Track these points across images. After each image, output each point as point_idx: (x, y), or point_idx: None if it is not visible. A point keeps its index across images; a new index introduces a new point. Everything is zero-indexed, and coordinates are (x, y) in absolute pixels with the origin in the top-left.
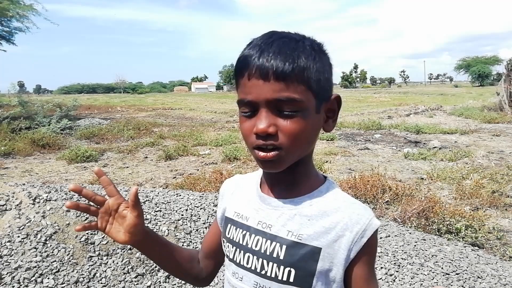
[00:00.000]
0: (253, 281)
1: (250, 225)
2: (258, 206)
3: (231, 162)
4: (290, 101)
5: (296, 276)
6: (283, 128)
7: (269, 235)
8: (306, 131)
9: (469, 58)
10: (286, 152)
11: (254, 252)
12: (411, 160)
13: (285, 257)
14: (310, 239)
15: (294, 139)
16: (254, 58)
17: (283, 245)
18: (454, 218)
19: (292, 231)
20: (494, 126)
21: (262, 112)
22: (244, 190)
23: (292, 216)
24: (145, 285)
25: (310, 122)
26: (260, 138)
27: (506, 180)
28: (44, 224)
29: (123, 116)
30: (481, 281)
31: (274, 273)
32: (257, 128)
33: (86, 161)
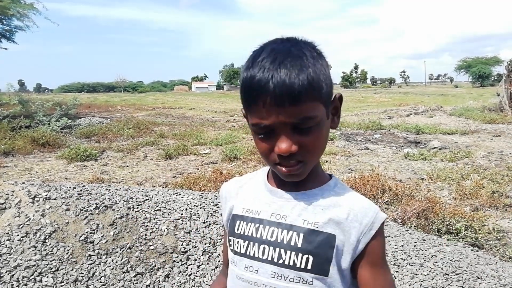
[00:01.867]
0: (270, 272)
1: (263, 217)
2: (270, 199)
3: (231, 161)
4: (306, 120)
5: (313, 263)
6: (303, 144)
7: (285, 225)
8: (322, 139)
9: (470, 59)
10: (308, 163)
11: (270, 243)
12: (411, 160)
13: (303, 245)
14: (325, 226)
15: (314, 151)
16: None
17: (300, 233)
18: (454, 219)
19: (308, 220)
20: (494, 126)
21: (281, 134)
22: (249, 188)
23: (306, 207)
24: (144, 284)
25: (324, 130)
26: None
27: (506, 181)
28: (44, 222)
29: (123, 115)
30: (480, 282)
31: (292, 261)
32: (280, 149)
33: (86, 160)
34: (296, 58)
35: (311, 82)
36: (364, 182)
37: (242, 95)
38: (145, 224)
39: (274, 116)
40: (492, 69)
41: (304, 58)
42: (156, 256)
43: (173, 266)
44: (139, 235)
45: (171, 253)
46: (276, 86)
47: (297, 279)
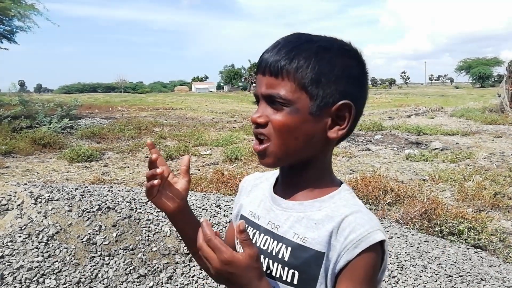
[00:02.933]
0: None
1: (261, 224)
2: (270, 206)
3: (232, 162)
4: (277, 97)
5: (300, 279)
6: (271, 119)
7: (277, 235)
8: (291, 126)
9: (470, 60)
10: (273, 145)
11: (262, 251)
12: (412, 161)
13: (289, 259)
14: (314, 243)
15: (278, 130)
16: (261, 58)
17: (288, 246)
18: (457, 220)
19: (298, 234)
20: (495, 127)
21: (261, 104)
22: (260, 189)
23: (300, 219)
24: (147, 286)
25: (299, 119)
26: (254, 127)
27: (508, 182)
28: (46, 224)
29: (124, 115)
30: (484, 284)
31: (279, 274)
32: (252, 116)
33: (87, 160)
34: (300, 42)
35: (295, 65)
36: (366, 183)
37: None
38: (148, 225)
39: (259, 86)
40: (492, 70)
41: (310, 45)
42: (159, 258)
43: (176, 268)
44: (142, 236)
45: (174, 254)
46: (265, 58)
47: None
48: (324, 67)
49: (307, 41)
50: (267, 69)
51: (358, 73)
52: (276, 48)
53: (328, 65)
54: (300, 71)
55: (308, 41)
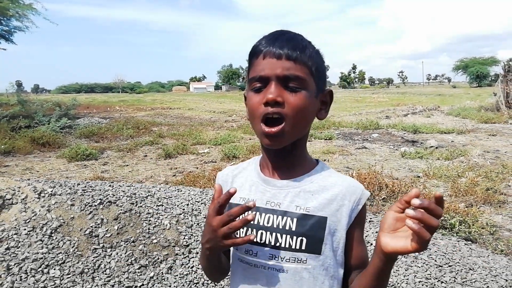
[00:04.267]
0: (268, 254)
1: (259, 205)
2: (264, 188)
3: (230, 160)
4: (296, 78)
5: (307, 243)
6: (288, 100)
7: (280, 211)
8: (306, 107)
9: (467, 59)
10: (289, 125)
11: (266, 228)
12: (408, 159)
13: (297, 228)
14: (316, 210)
15: (297, 111)
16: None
17: (294, 218)
18: (449, 214)
19: (300, 205)
20: (490, 126)
21: (272, 85)
22: (243, 177)
23: (298, 193)
24: (148, 276)
25: (310, 101)
26: (270, 105)
27: (500, 178)
28: (50, 217)
29: (122, 115)
30: (472, 273)
31: (288, 244)
32: (268, 97)
33: (86, 159)
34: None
35: (307, 54)
36: (361, 179)
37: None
38: (148, 218)
39: (269, 68)
40: (489, 69)
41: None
42: (159, 249)
43: (175, 259)
44: (143, 229)
45: (173, 246)
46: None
47: (293, 259)
48: (320, 60)
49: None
50: (284, 53)
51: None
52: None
53: (320, 59)
54: (311, 60)
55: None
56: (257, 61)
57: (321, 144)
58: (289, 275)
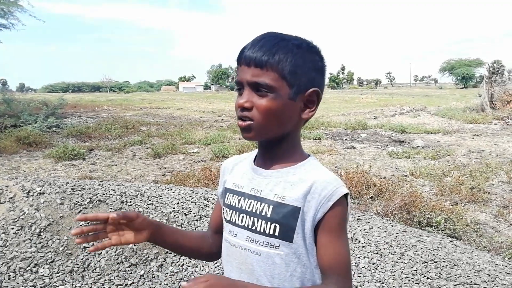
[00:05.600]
0: (246, 236)
1: (245, 191)
2: (252, 176)
3: (219, 160)
4: (263, 84)
5: (280, 230)
6: (256, 104)
7: (259, 198)
8: (274, 109)
9: (453, 61)
10: (256, 123)
11: (247, 212)
12: (395, 159)
13: (272, 215)
14: (291, 200)
15: (262, 113)
16: (244, 50)
17: (270, 205)
18: (434, 212)
19: (278, 194)
20: (475, 126)
21: (245, 91)
22: (241, 166)
23: (278, 183)
24: (138, 274)
25: (279, 104)
26: (240, 110)
27: (484, 177)
28: (38, 216)
29: (110, 115)
30: (457, 268)
31: (263, 229)
32: (238, 102)
33: (74, 159)
34: (277, 40)
35: (276, 58)
36: (349, 178)
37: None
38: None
39: (242, 74)
40: (474, 71)
41: (286, 42)
42: (150, 248)
43: (166, 257)
44: None
45: None
46: (249, 52)
47: (266, 243)
48: (298, 61)
49: (282, 39)
50: (253, 61)
51: (321, 65)
52: (257, 44)
53: (301, 59)
54: (281, 64)
55: (283, 40)
56: (237, 67)
57: (310, 144)
58: (262, 258)
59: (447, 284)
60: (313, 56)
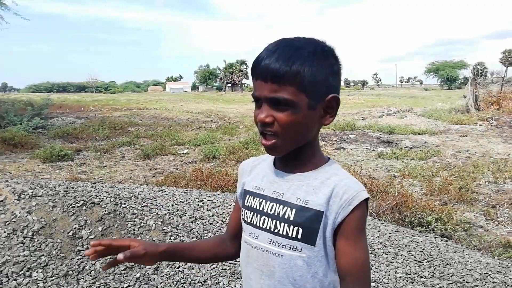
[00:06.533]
0: (268, 238)
1: (266, 194)
2: (273, 179)
3: (210, 161)
4: (282, 100)
5: (303, 233)
6: (277, 119)
7: (282, 201)
8: (296, 123)
9: (438, 63)
10: (281, 139)
11: (269, 215)
12: (384, 159)
13: (294, 218)
14: (314, 204)
15: (285, 128)
16: (259, 63)
17: (293, 209)
18: (425, 212)
19: (300, 198)
20: (461, 127)
21: (264, 106)
22: (260, 168)
23: (300, 186)
24: (134, 277)
25: (300, 116)
26: (261, 125)
27: (472, 177)
28: (31, 219)
29: (97, 115)
30: (449, 267)
31: (285, 231)
32: (258, 117)
33: (62, 160)
34: (292, 49)
35: (294, 71)
36: None
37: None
38: (133, 219)
39: (259, 90)
40: (459, 73)
41: (301, 51)
42: None
43: None
44: (128, 230)
45: None
46: (264, 65)
47: (289, 246)
48: (316, 69)
49: (297, 48)
50: (269, 76)
51: (337, 68)
52: (272, 56)
53: (318, 67)
54: (299, 76)
55: (298, 48)
56: (253, 80)
57: None
58: (284, 260)
59: (441, 283)
60: (329, 60)
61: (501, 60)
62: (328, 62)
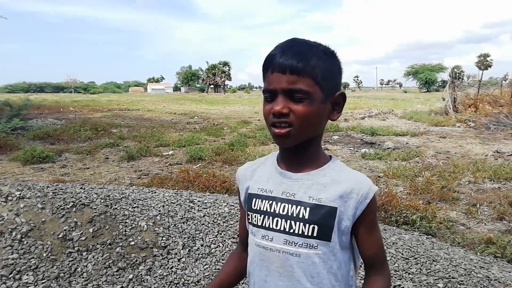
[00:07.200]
0: (283, 239)
1: (276, 195)
2: (280, 180)
3: (195, 162)
4: (300, 91)
5: (318, 231)
6: (294, 110)
7: (294, 201)
8: (311, 114)
9: (417, 66)
10: (295, 129)
11: (282, 216)
12: (368, 160)
13: (309, 217)
14: (327, 201)
15: (301, 118)
16: (277, 57)
17: (307, 207)
18: (410, 211)
19: (313, 196)
20: (441, 129)
21: (279, 98)
22: (262, 170)
23: (311, 185)
24: (127, 278)
25: (315, 108)
26: (276, 116)
27: (453, 177)
28: (19, 221)
29: (78, 116)
30: (436, 264)
31: (301, 230)
32: (274, 109)
33: (43, 162)
34: (306, 47)
35: (311, 65)
36: None
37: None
38: (124, 221)
39: (276, 82)
40: (437, 76)
41: (314, 49)
42: (137, 251)
43: (154, 260)
44: (119, 231)
45: (151, 248)
46: (283, 58)
47: (305, 244)
48: (328, 66)
49: (311, 46)
50: (288, 68)
51: (341, 69)
52: (289, 51)
53: (330, 64)
54: (315, 70)
55: (312, 46)
56: (267, 74)
57: None
58: (302, 259)
59: (428, 279)
60: (337, 61)
61: (477, 63)
62: (337, 62)
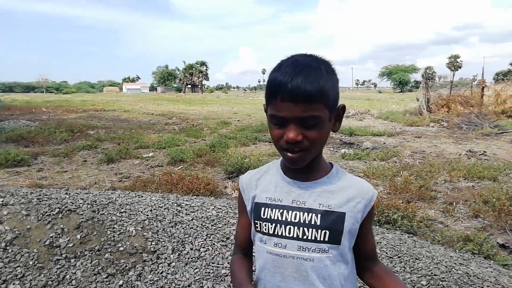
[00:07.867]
0: (296, 246)
1: (286, 204)
2: (289, 189)
3: (177, 164)
4: (312, 118)
5: (330, 236)
6: (307, 136)
7: (305, 209)
8: (322, 136)
9: (391, 66)
10: (308, 152)
11: (294, 223)
12: (348, 160)
13: (321, 223)
14: (336, 207)
15: (314, 143)
16: (285, 85)
17: (318, 214)
18: (391, 210)
19: (323, 203)
20: (415, 128)
21: (291, 125)
22: (267, 180)
23: (320, 193)
24: (117, 284)
25: (326, 129)
26: (290, 144)
27: (430, 177)
28: (2, 229)
29: (51, 117)
30: (418, 262)
31: (314, 236)
32: (288, 137)
33: (18, 165)
34: (313, 70)
35: (321, 90)
36: None
37: (266, 91)
38: (112, 226)
39: (287, 110)
40: (410, 76)
41: (319, 70)
42: (127, 257)
43: (144, 266)
44: (107, 237)
45: (141, 253)
46: (294, 87)
47: (318, 249)
48: (331, 84)
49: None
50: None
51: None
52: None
53: (332, 83)
54: (324, 94)
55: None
56: (275, 101)
57: (266, 147)
58: (315, 263)
59: (411, 277)
60: (335, 76)
61: (447, 64)
62: (335, 77)
